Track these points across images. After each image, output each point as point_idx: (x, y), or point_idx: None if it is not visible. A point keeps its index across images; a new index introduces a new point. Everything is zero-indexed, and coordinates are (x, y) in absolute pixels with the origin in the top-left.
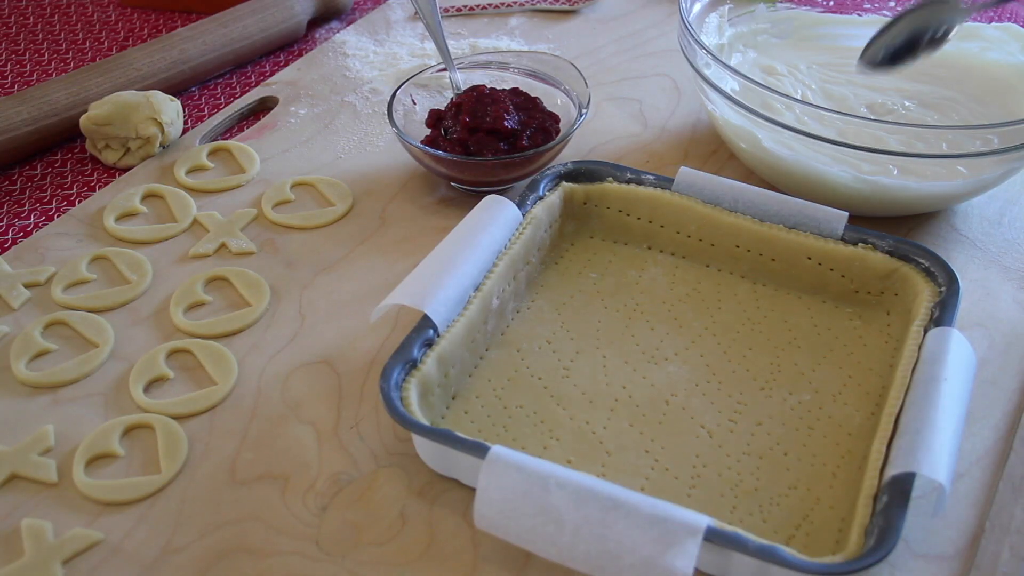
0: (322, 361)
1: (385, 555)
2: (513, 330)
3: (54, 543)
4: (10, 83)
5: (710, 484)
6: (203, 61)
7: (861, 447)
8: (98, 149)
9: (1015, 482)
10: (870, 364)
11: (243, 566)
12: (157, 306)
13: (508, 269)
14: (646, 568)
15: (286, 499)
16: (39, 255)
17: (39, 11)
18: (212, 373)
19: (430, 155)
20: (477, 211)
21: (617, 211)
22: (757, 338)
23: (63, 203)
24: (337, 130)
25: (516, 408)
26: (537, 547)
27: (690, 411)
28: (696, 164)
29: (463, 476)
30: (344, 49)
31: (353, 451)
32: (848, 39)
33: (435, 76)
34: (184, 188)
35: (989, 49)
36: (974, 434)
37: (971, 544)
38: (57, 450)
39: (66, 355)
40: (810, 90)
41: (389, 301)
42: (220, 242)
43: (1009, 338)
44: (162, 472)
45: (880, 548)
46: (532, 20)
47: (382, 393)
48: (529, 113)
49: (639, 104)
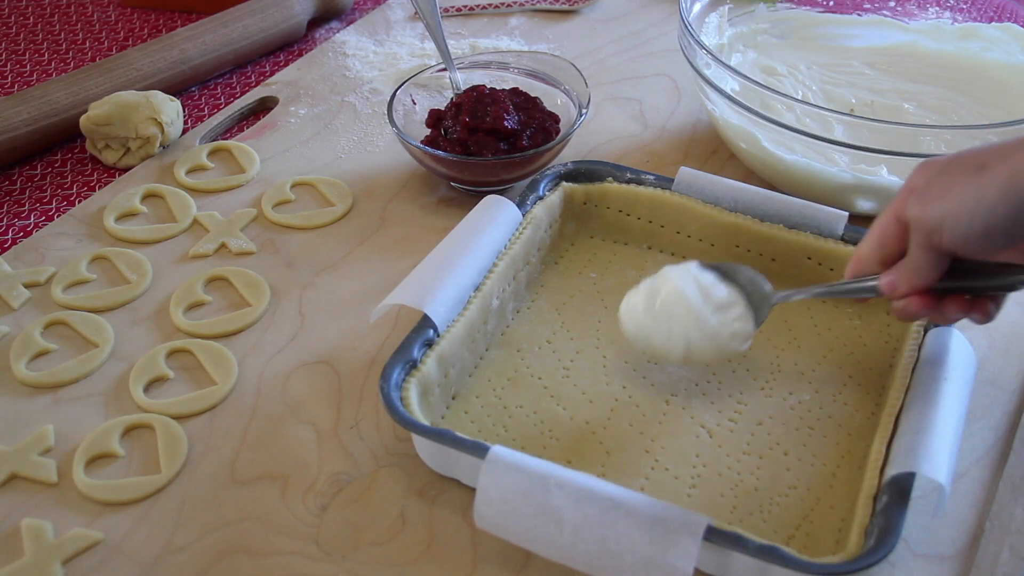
0: (322, 361)
1: (385, 555)
2: (513, 330)
3: (54, 543)
4: (10, 83)
5: (710, 484)
6: (203, 61)
7: (861, 447)
8: (98, 149)
9: (1015, 482)
10: (870, 364)
11: (243, 566)
12: (157, 306)
13: (508, 269)
14: (646, 568)
15: (286, 499)
16: (39, 255)
17: (39, 11)
18: (212, 373)
19: (430, 155)
20: (477, 211)
21: (617, 211)
22: (757, 338)
23: (63, 203)
24: (337, 130)
25: (516, 408)
26: (537, 547)
27: (690, 411)
28: (696, 164)
29: (463, 476)
30: (344, 49)
31: (353, 451)
32: (848, 39)
33: (435, 76)
34: (184, 188)
35: (989, 49)
36: (974, 434)
37: (971, 544)
38: (57, 450)
39: (66, 355)
40: (810, 91)
41: (389, 301)
42: (220, 242)
43: (1009, 338)
44: (162, 472)
45: (880, 548)
46: (532, 20)
47: (382, 393)
48: (529, 113)
49: (639, 104)
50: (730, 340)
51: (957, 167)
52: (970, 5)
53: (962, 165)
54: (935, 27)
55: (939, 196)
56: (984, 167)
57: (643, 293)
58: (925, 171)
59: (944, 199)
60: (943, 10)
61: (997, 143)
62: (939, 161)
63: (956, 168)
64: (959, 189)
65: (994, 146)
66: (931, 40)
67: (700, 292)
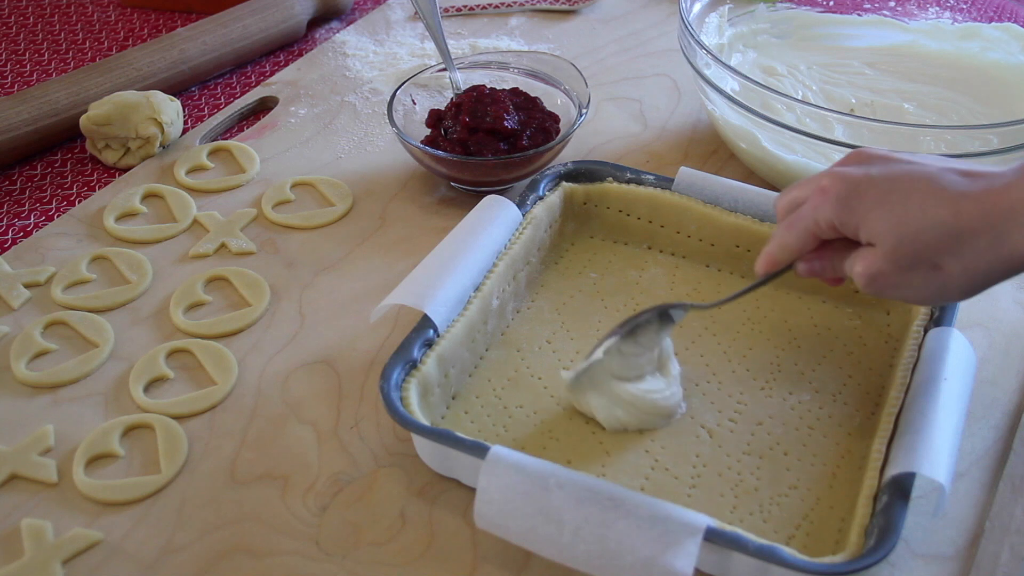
0: (322, 361)
1: (385, 555)
2: (513, 330)
3: (54, 543)
4: (10, 83)
5: (710, 484)
6: (203, 61)
7: (861, 447)
8: (98, 149)
9: (1015, 482)
10: (870, 364)
11: (243, 566)
12: (157, 306)
13: (508, 269)
14: (646, 568)
15: (286, 499)
16: (39, 255)
17: (39, 11)
18: (212, 373)
19: (430, 155)
20: (477, 211)
21: (617, 211)
22: (757, 338)
23: (63, 203)
24: (337, 130)
25: (516, 408)
26: (537, 547)
27: (690, 411)
28: (696, 164)
29: (463, 476)
30: (344, 49)
31: (353, 451)
32: (848, 39)
33: (435, 76)
34: (184, 188)
35: (989, 49)
36: (974, 434)
37: (971, 544)
38: (57, 450)
39: (66, 355)
40: (810, 91)
41: (389, 301)
42: (220, 242)
43: (1009, 338)
44: (162, 472)
45: (880, 548)
46: (532, 20)
47: (382, 393)
48: (529, 113)
49: (639, 104)
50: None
51: (907, 258)
52: (970, 5)
53: (912, 254)
54: (935, 27)
55: (895, 284)
56: (939, 265)
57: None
58: (850, 186)
59: (901, 289)
60: (943, 10)
61: (940, 223)
62: (868, 180)
63: (905, 257)
64: (918, 283)
65: (940, 232)
66: (931, 40)
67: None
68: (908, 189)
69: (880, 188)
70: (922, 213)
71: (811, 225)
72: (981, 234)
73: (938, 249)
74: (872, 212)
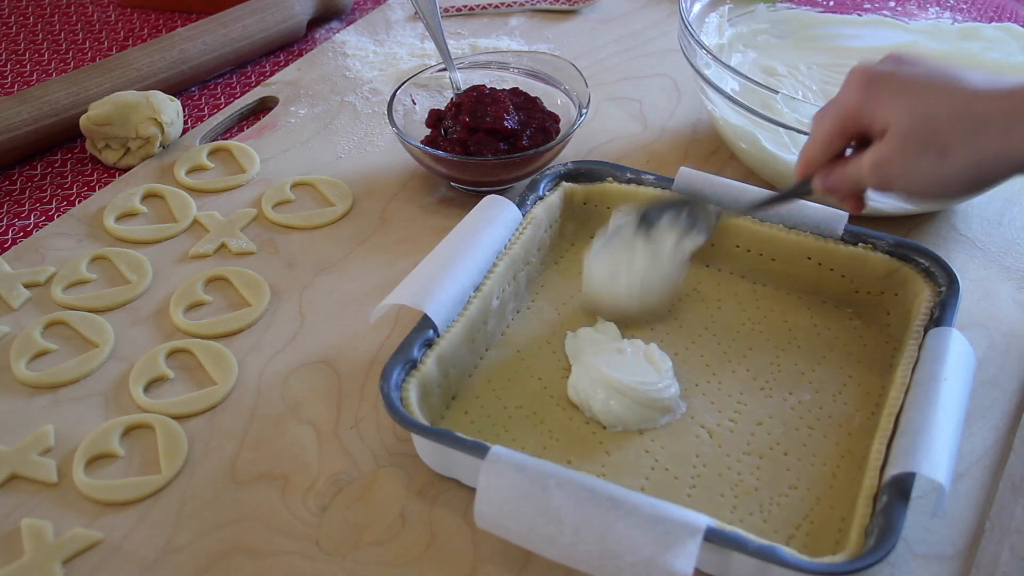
0: (322, 361)
1: (385, 555)
2: (513, 330)
3: (54, 543)
4: (10, 83)
5: (710, 484)
6: (203, 61)
7: (861, 447)
8: (98, 149)
9: (1015, 482)
10: (870, 364)
11: (243, 566)
12: (157, 306)
13: (508, 269)
14: (646, 568)
15: (286, 499)
16: (39, 255)
17: (39, 11)
18: (212, 373)
19: (430, 155)
20: (477, 211)
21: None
22: (757, 338)
23: (63, 203)
24: (337, 130)
25: (516, 408)
26: (537, 547)
27: (690, 411)
28: (696, 164)
29: (463, 476)
30: (344, 49)
31: (353, 451)
32: (848, 39)
33: (435, 76)
34: (184, 188)
35: (989, 49)
36: (974, 434)
37: (971, 544)
38: (57, 450)
39: (66, 355)
40: (810, 91)
41: (389, 301)
42: (220, 242)
43: (1009, 338)
44: (162, 472)
45: (880, 548)
46: (532, 20)
47: (382, 393)
48: (529, 113)
49: (639, 104)
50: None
51: (917, 142)
52: (970, 5)
53: (923, 138)
54: (935, 27)
55: (901, 172)
56: (946, 150)
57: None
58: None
59: (907, 177)
60: (943, 10)
61: (954, 110)
62: (894, 72)
63: (915, 140)
64: (924, 170)
65: (953, 116)
66: (931, 40)
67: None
68: (929, 81)
69: (904, 78)
70: (938, 99)
71: (839, 110)
72: (993, 120)
73: (949, 133)
74: (892, 98)
